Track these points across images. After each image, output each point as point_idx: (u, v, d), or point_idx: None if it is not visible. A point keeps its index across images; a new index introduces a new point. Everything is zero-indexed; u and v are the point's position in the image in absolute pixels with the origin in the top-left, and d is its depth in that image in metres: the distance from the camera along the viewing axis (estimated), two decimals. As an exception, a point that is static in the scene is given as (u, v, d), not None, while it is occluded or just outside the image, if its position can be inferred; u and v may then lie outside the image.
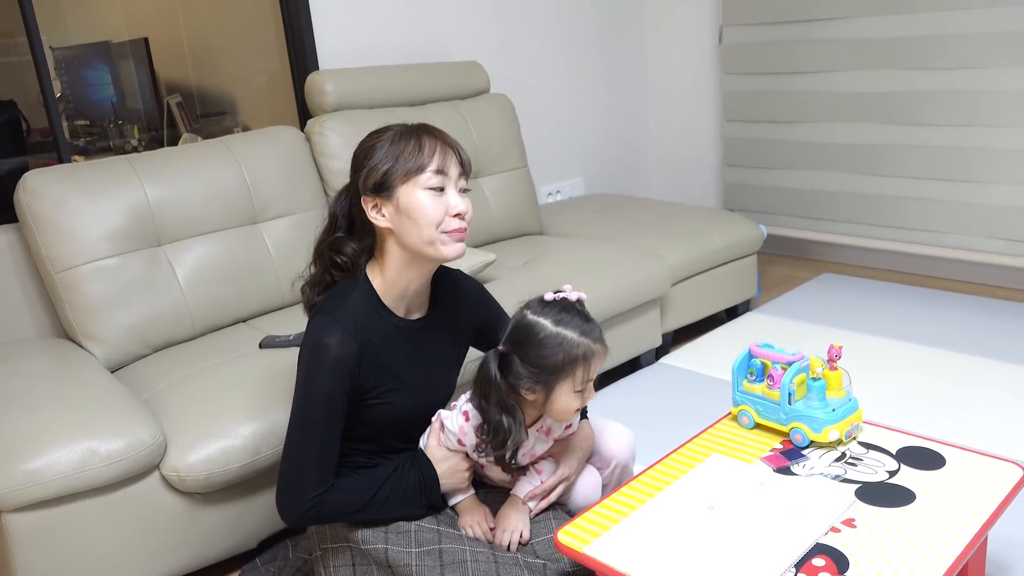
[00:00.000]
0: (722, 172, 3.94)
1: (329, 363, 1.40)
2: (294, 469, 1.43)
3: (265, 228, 2.36)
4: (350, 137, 2.56)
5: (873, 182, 3.40)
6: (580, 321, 1.45)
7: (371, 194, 1.45)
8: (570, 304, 1.48)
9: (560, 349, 1.42)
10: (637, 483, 1.51)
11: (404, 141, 1.45)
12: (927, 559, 1.25)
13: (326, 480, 1.42)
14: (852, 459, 1.53)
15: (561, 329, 1.43)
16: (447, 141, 1.48)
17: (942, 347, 2.70)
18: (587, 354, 1.44)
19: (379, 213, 1.46)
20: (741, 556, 1.27)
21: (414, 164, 1.43)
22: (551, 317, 1.44)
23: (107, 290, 2.05)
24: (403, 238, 1.46)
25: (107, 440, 1.63)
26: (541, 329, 1.44)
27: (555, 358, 1.43)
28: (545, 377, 1.44)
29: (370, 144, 1.48)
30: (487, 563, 1.46)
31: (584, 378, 1.45)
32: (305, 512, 1.42)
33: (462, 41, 3.27)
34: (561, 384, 1.44)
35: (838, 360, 1.59)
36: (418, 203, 1.43)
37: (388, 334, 1.50)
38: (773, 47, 3.54)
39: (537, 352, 1.43)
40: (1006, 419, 2.23)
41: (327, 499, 1.42)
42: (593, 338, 1.45)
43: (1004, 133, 3.02)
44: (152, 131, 3.52)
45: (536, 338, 1.43)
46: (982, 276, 3.29)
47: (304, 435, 1.42)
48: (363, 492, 1.46)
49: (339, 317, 1.43)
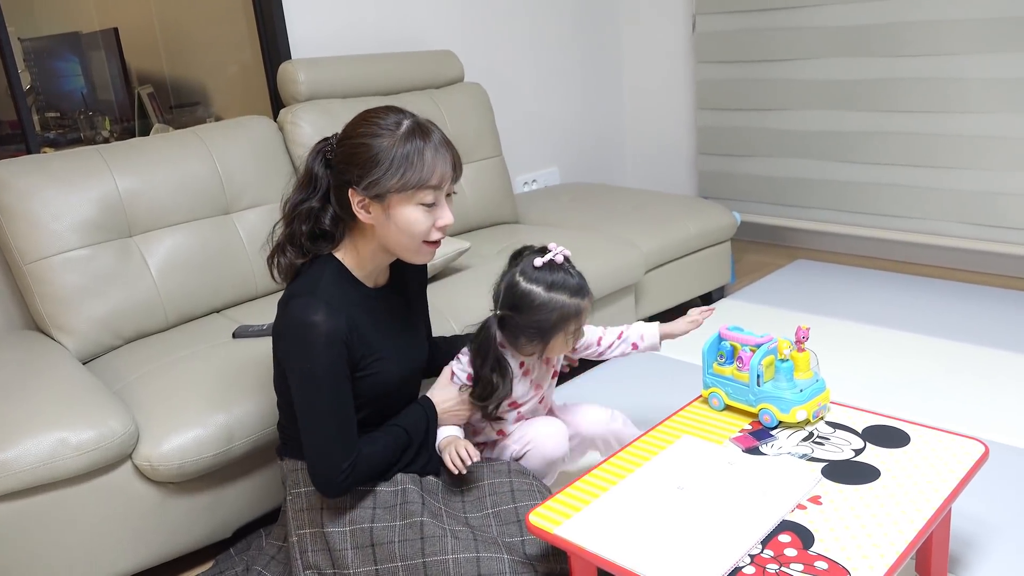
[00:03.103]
0: (696, 160, 3.96)
1: (323, 339, 1.41)
2: (319, 449, 1.46)
3: (238, 218, 2.35)
4: (323, 127, 2.55)
5: (845, 169, 3.43)
6: (569, 280, 1.63)
7: (362, 192, 1.45)
8: (558, 265, 1.64)
9: (554, 312, 1.61)
10: (608, 464, 1.52)
11: (409, 151, 1.43)
12: (890, 533, 1.28)
13: (352, 449, 1.47)
14: (819, 438, 1.55)
15: (554, 295, 1.61)
16: (449, 149, 1.48)
17: (913, 331, 2.74)
18: (578, 310, 1.64)
19: (364, 210, 1.47)
20: (709, 534, 1.29)
21: (414, 180, 1.44)
22: (543, 283, 1.62)
23: (78, 281, 2.04)
24: (382, 237, 1.49)
25: (78, 430, 1.63)
26: (536, 296, 1.61)
27: (550, 320, 1.62)
28: (542, 335, 1.64)
29: (372, 143, 1.44)
30: (467, 540, 1.48)
31: (576, 328, 1.66)
32: (342, 483, 1.47)
33: (436, 30, 3.26)
34: (556, 337, 1.65)
35: (805, 341, 1.62)
36: (409, 218, 1.46)
37: (363, 305, 1.53)
38: (746, 35, 3.56)
39: (533, 316, 1.62)
40: (973, 399, 2.27)
41: (359, 465, 1.48)
42: (582, 296, 1.64)
43: (972, 119, 3.06)
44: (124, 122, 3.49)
45: (532, 305, 1.61)
46: (952, 261, 3.34)
47: (318, 417, 1.44)
48: (392, 449, 1.55)
49: (318, 295, 1.45)
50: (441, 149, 1.47)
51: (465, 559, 1.45)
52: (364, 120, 1.49)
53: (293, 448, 1.60)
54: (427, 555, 1.46)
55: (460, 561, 1.45)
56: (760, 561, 1.24)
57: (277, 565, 1.68)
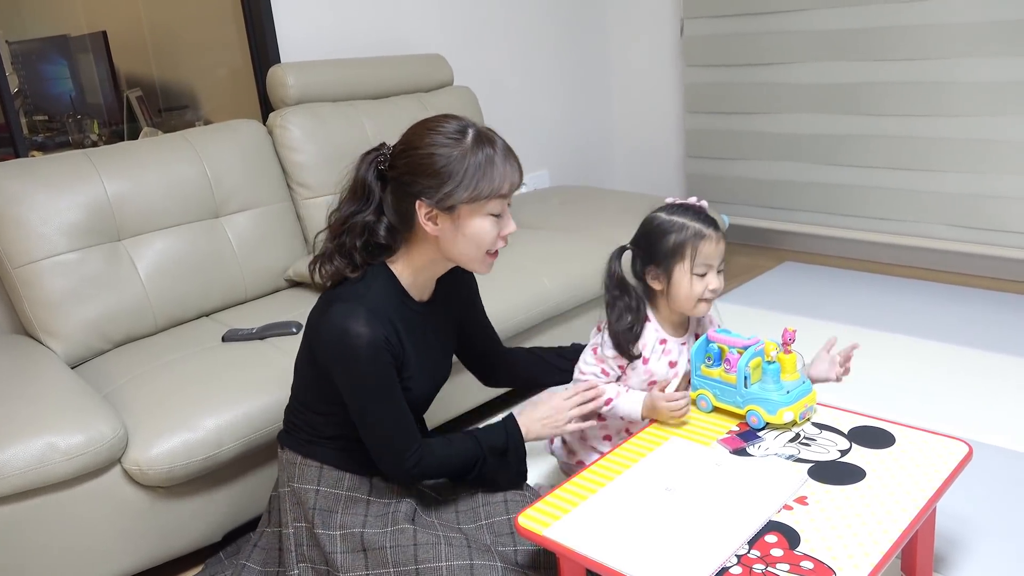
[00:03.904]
0: (684, 163, 3.98)
1: (366, 350, 1.40)
2: (383, 449, 1.48)
3: (227, 222, 2.35)
4: (312, 130, 2.56)
5: (832, 172, 3.46)
6: (694, 214, 1.64)
7: (432, 205, 1.42)
8: (691, 206, 1.66)
9: (671, 231, 1.62)
10: (597, 467, 1.53)
11: (481, 160, 1.41)
12: (875, 533, 1.29)
13: (413, 441, 1.48)
14: (806, 439, 1.57)
15: (675, 217, 1.64)
16: (514, 156, 1.46)
17: (898, 332, 2.76)
18: (696, 234, 1.61)
19: (432, 222, 1.44)
20: (697, 535, 1.30)
21: (488, 190, 1.42)
22: (668, 211, 1.66)
23: (66, 285, 2.03)
24: (446, 248, 1.47)
25: (67, 435, 1.62)
26: (657, 218, 1.66)
27: (667, 241, 1.62)
28: (662, 261, 1.64)
29: (441, 153, 1.41)
30: (460, 547, 1.48)
31: (696, 260, 1.61)
32: (411, 473, 1.49)
33: (425, 33, 3.27)
34: (677, 267, 1.63)
35: (792, 343, 1.63)
36: (478, 228, 1.45)
37: (408, 320, 1.51)
38: (734, 39, 3.58)
39: (651, 239, 1.65)
40: (957, 400, 2.29)
41: (425, 458, 1.49)
42: (704, 223, 1.62)
43: (957, 123, 3.08)
44: (112, 126, 3.48)
45: (653, 226, 1.65)
46: (938, 263, 3.37)
47: (374, 419, 1.46)
48: (460, 454, 1.55)
49: (362, 302, 1.43)
50: (509, 157, 1.45)
51: (459, 566, 1.45)
52: (426, 129, 1.44)
53: (296, 440, 1.59)
54: (420, 561, 1.46)
55: (454, 568, 1.44)
56: (747, 561, 1.25)
57: (260, 552, 1.67)
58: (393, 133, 1.49)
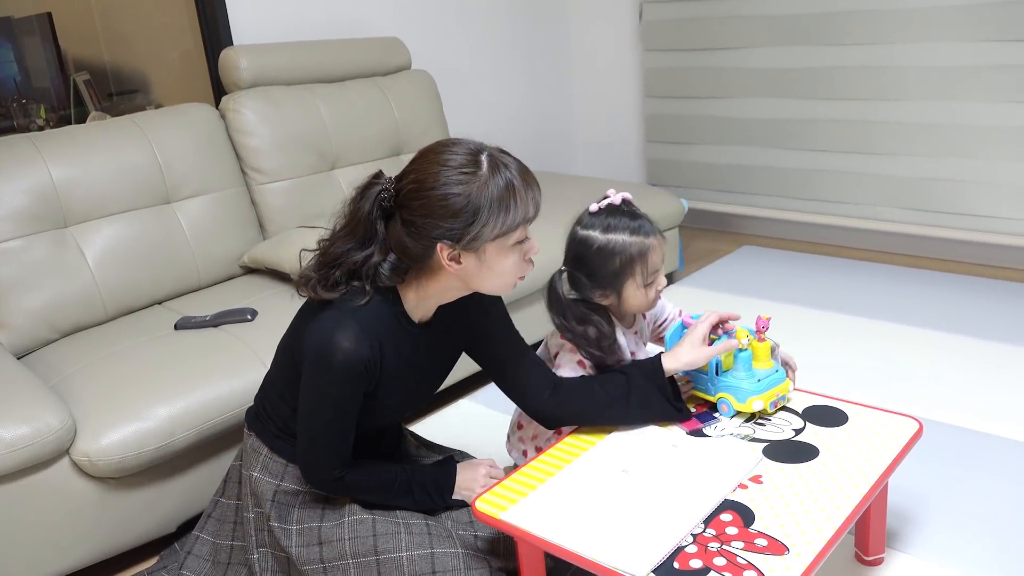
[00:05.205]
0: (644, 148, 3.99)
1: (342, 367, 1.33)
2: (312, 454, 1.44)
3: (179, 208, 2.30)
4: (266, 114, 2.51)
5: (791, 156, 3.49)
6: (628, 221, 1.55)
7: (456, 246, 1.32)
8: (615, 207, 1.57)
9: (614, 255, 1.54)
10: (555, 450, 1.53)
11: (503, 193, 1.30)
12: (827, 509, 1.31)
13: (344, 461, 1.44)
14: (761, 419, 1.58)
15: (611, 236, 1.54)
16: (530, 174, 1.36)
17: (851, 313, 2.81)
18: (641, 251, 1.54)
19: (455, 262, 1.33)
20: (653, 515, 1.31)
21: (514, 222, 1.33)
22: (599, 227, 1.55)
23: (11, 274, 1.98)
24: (469, 281, 1.38)
25: (11, 426, 1.58)
26: (593, 241, 1.55)
27: (612, 265, 1.54)
28: (609, 283, 1.56)
29: (460, 192, 1.28)
30: (420, 535, 1.46)
31: (646, 272, 1.55)
32: (329, 484, 1.47)
33: (382, 16, 3.23)
34: (627, 284, 1.56)
35: (766, 331, 1.60)
36: (506, 261, 1.36)
37: (400, 338, 1.43)
38: (692, 24, 3.59)
39: (594, 263, 1.55)
40: (908, 379, 2.34)
41: (349, 478, 1.45)
42: (643, 234, 1.54)
43: (909, 106, 3.13)
44: (60, 111, 3.39)
45: (591, 251, 1.55)
46: (889, 245, 3.42)
47: (317, 427, 1.41)
48: (382, 485, 1.50)
49: (354, 316, 1.35)
50: (527, 177, 1.35)
51: (419, 556, 1.43)
52: (437, 165, 1.30)
53: (265, 429, 1.55)
54: (380, 552, 1.44)
55: (414, 558, 1.43)
56: (702, 540, 1.26)
57: (214, 523, 1.64)
58: (349, 117, 1.44)
